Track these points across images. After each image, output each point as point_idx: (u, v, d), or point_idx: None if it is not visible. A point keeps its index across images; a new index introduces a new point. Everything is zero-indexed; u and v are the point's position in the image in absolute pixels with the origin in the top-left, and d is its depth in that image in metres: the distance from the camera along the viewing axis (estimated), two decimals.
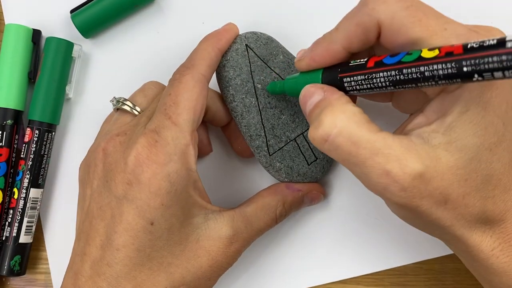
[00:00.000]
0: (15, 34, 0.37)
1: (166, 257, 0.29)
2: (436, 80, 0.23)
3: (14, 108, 0.37)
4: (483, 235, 0.27)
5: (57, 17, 0.39)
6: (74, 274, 0.30)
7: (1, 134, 0.36)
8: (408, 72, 0.24)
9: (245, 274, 0.38)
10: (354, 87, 0.27)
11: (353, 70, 0.27)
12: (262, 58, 0.34)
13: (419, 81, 0.24)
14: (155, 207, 0.29)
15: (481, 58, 0.21)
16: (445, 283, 0.38)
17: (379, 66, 0.26)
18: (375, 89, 0.27)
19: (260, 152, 0.34)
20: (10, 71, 0.37)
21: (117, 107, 0.34)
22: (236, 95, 0.33)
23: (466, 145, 0.25)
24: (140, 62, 0.40)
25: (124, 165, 0.29)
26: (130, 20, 0.40)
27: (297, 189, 0.35)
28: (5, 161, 0.37)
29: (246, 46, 0.34)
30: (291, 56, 0.36)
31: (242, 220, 0.32)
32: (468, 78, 0.22)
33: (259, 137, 0.34)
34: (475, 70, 0.21)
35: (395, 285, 0.38)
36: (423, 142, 0.25)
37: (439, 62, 0.23)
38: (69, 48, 0.38)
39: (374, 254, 0.38)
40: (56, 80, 0.37)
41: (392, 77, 0.25)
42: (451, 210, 0.26)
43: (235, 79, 0.33)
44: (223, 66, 0.34)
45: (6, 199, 0.37)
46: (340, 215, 0.38)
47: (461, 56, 0.22)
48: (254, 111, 0.34)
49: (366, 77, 0.26)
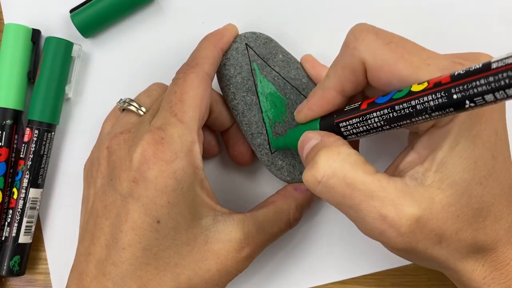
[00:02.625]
0: (14, 33, 0.37)
1: (172, 257, 0.29)
2: (429, 112, 0.23)
3: (13, 108, 0.37)
4: (475, 264, 0.27)
5: (57, 17, 0.39)
6: (79, 275, 0.29)
7: (1, 134, 0.36)
8: (400, 108, 0.24)
9: (245, 274, 0.38)
10: (351, 131, 0.28)
11: (347, 114, 0.28)
12: (261, 57, 0.34)
13: (412, 116, 0.24)
14: (161, 205, 0.28)
15: (469, 83, 0.21)
16: (445, 283, 0.38)
17: (372, 107, 0.26)
18: (371, 131, 0.27)
19: (261, 150, 0.34)
20: (9, 70, 0.37)
21: (123, 107, 0.34)
22: (237, 93, 0.34)
23: (457, 181, 0.25)
24: (140, 62, 0.40)
25: (130, 163, 0.29)
26: (130, 20, 0.40)
27: (305, 189, 0.35)
28: (5, 161, 0.37)
29: (246, 45, 0.34)
30: (290, 56, 0.36)
31: (254, 224, 0.31)
32: (460, 106, 0.22)
33: (260, 135, 0.34)
34: (465, 96, 0.21)
35: (396, 285, 0.38)
36: (417, 184, 0.26)
37: (429, 94, 0.23)
38: (68, 48, 0.38)
39: (374, 254, 0.38)
40: (56, 80, 0.37)
41: (385, 116, 0.25)
42: (445, 248, 0.26)
43: (235, 77, 0.34)
44: (224, 64, 0.34)
45: (6, 199, 0.37)
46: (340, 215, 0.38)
47: (449, 84, 0.22)
48: (255, 109, 0.34)
49: (361, 119, 0.27)
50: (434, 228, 0.25)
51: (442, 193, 0.25)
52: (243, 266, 0.31)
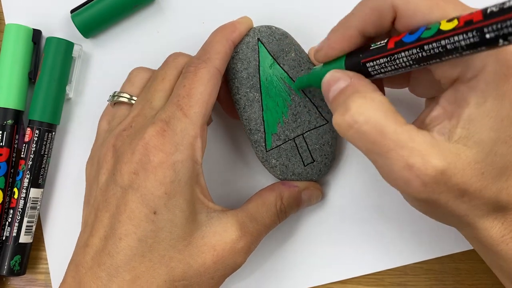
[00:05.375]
0: (15, 34, 0.37)
1: (168, 250, 0.29)
2: (460, 51, 0.23)
3: (14, 108, 0.37)
4: (494, 222, 0.27)
5: (57, 17, 0.40)
6: (75, 266, 0.30)
7: (2, 134, 0.36)
8: (429, 48, 0.24)
9: (245, 273, 0.38)
10: (379, 70, 0.27)
11: (375, 54, 0.27)
12: (272, 54, 0.34)
13: (443, 55, 0.24)
14: (158, 196, 0.29)
15: (503, 22, 0.20)
16: (445, 283, 0.38)
17: (399, 46, 0.26)
18: (400, 69, 0.26)
19: (257, 147, 0.34)
20: (10, 71, 0.37)
21: (114, 101, 0.34)
22: (241, 88, 0.34)
23: (483, 139, 0.25)
24: (141, 62, 0.39)
25: (131, 155, 0.29)
26: (130, 20, 0.40)
27: (294, 185, 0.35)
28: (5, 161, 0.37)
29: (258, 40, 0.34)
30: (304, 55, 0.35)
31: (246, 216, 0.32)
32: (493, 44, 0.21)
33: (258, 132, 0.34)
34: (499, 35, 0.21)
35: (395, 285, 0.38)
36: (444, 139, 0.26)
37: (460, 33, 0.22)
38: (69, 48, 0.38)
39: (374, 254, 0.38)
40: (56, 80, 0.37)
41: (414, 55, 0.25)
42: (467, 202, 0.26)
43: (241, 72, 0.34)
44: (232, 58, 0.34)
45: (7, 199, 0.37)
46: (339, 215, 0.38)
47: (482, 23, 0.21)
48: (256, 106, 0.34)
49: (389, 59, 0.26)
50: (458, 182, 0.25)
51: (468, 150, 0.25)
52: (241, 258, 0.31)
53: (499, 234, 0.27)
